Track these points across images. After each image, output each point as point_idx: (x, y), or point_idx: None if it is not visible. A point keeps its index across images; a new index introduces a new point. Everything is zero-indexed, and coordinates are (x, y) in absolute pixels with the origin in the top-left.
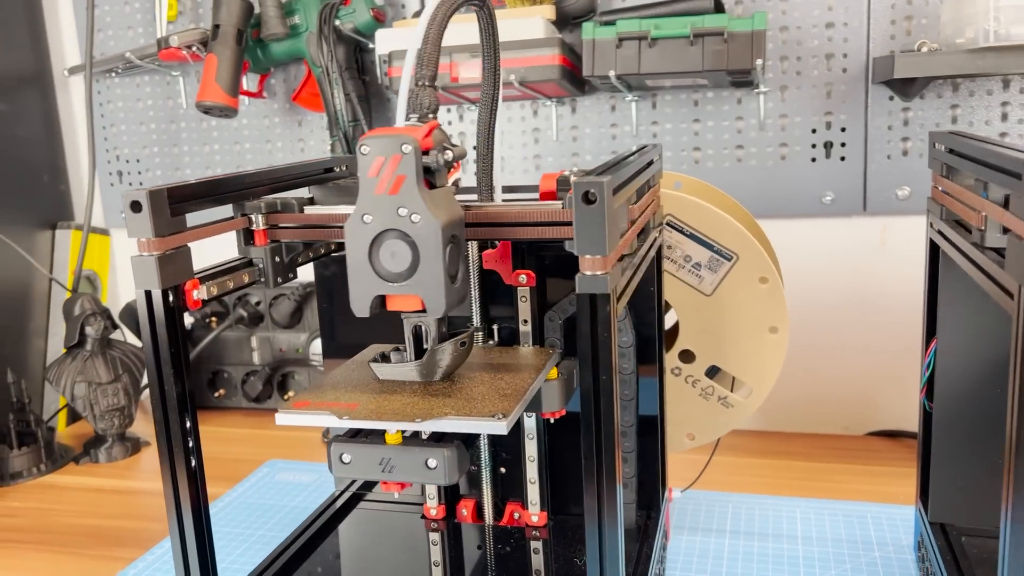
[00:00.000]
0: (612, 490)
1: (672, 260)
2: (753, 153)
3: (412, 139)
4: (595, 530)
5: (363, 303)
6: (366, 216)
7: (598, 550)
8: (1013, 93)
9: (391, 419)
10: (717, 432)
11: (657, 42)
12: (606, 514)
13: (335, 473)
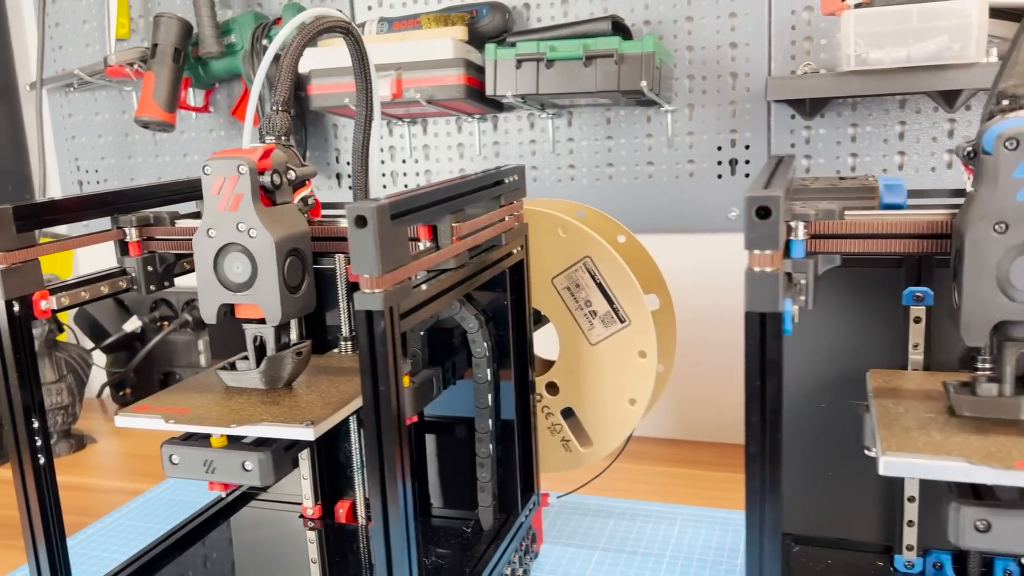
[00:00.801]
0: (394, 491)
1: (575, 299)
2: (663, 169)
3: (248, 160)
4: (381, 529)
5: (211, 311)
6: (211, 231)
7: (385, 550)
8: (909, 112)
9: (210, 424)
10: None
11: (554, 63)
12: (391, 513)
13: (166, 473)
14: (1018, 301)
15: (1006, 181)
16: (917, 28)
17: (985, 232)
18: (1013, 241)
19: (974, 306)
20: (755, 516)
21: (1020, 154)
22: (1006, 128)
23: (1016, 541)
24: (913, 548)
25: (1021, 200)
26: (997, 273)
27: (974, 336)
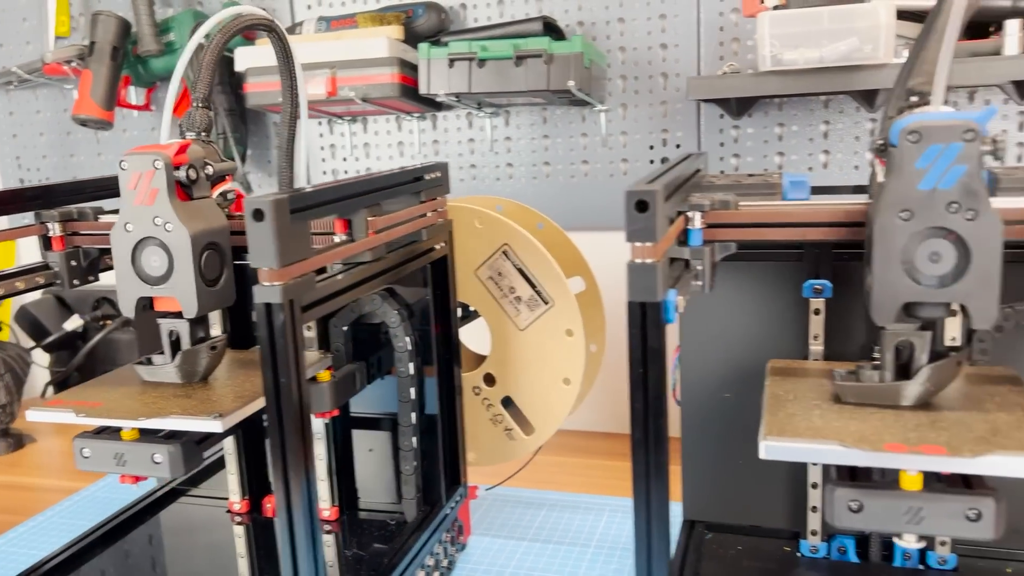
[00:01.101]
0: (298, 482)
1: (499, 288)
2: (598, 168)
3: (164, 155)
4: (285, 522)
5: (129, 304)
6: (128, 225)
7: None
8: (832, 112)
9: (119, 417)
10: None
11: (486, 63)
12: (294, 507)
13: (78, 466)
14: (922, 284)
15: (909, 171)
16: (829, 30)
17: (891, 219)
18: (916, 227)
19: (883, 288)
20: (641, 500)
21: (922, 146)
22: (909, 122)
23: (886, 520)
24: (817, 533)
25: (923, 189)
26: (903, 257)
27: (884, 316)
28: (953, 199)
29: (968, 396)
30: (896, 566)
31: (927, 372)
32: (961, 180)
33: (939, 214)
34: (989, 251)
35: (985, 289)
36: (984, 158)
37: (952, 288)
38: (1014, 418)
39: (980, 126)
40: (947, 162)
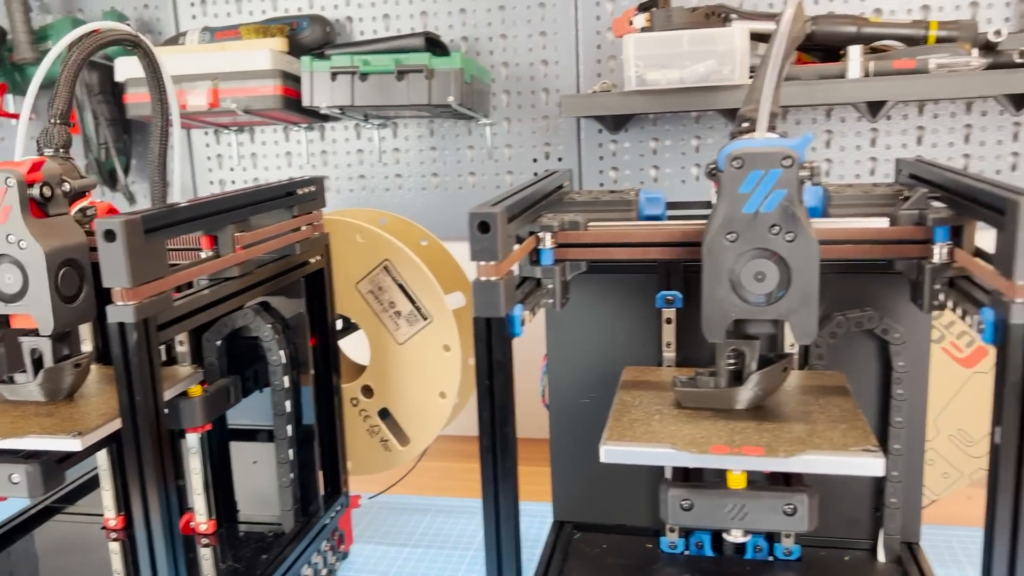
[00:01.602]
0: (154, 498)
1: (379, 302)
2: (485, 179)
3: (16, 173)
4: (144, 536)
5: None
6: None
7: (148, 554)
8: (703, 128)
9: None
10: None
11: (368, 76)
12: (152, 518)
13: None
14: (749, 301)
15: (734, 195)
16: (688, 52)
17: (719, 241)
18: (742, 248)
19: (713, 306)
20: (490, 504)
21: (744, 172)
22: (733, 149)
23: (714, 517)
24: (675, 530)
25: (747, 212)
26: (731, 277)
27: (714, 333)
28: (774, 222)
29: (796, 400)
30: (747, 559)
31: (756, 378)
32: (781, 204)
33: (762, 236)
34: (808, 270)
35: (805, 306)
36: (804, 183)
37: (776, 305)
38: (831, 419)
39: (798, 153)
40: (768, 187)
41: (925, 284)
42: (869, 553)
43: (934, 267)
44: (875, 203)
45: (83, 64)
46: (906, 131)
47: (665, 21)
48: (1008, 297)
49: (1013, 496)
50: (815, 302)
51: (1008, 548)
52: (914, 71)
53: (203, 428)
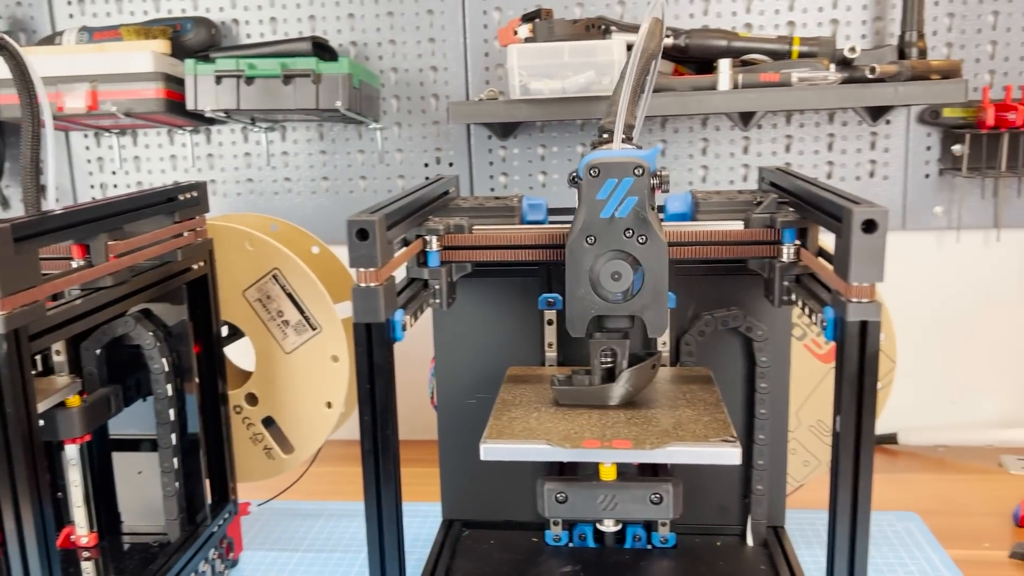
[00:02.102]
0: (27, 512)
1: (267, 310)
2: (376, 183)
3: None
4: (17, 552)
5: None
6: None
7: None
8: (588, 135)
9: None
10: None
11: (254, 80)
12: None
13: None
14: (608, 300)
15: (592, 202)
16: (570, 63)
17: (579, 243)
18: (599, 250)
19: (574, 304)
20: (372, 507)
21: (601, 180)
22: (590, 159)
23: (586, 508)
24: (559, 523)
25: (604, 217)
26: (590, 276)
27: (576, 329)
28: (628, 226)
29: (666, 394)
30: (627, 547)
31: (627, 375)
32: (634, 209)
33: (618, 239)
34: (659, 270)
35: (656, 303)
36: (654, 190)
37: (631, 302)
38: (696, 413)
39: (648, 163)
40: (622, 194)
41: (775, 281)
42: (739, 538)
43: (783, 265)
44: (736, 208)
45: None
46: (775, 140)
47: (547, 32)
48: (845, 297)
49: (852, 478)
50: (665, 299)
51: (848, 525)
52: (778, 84)
53: (82, 439)
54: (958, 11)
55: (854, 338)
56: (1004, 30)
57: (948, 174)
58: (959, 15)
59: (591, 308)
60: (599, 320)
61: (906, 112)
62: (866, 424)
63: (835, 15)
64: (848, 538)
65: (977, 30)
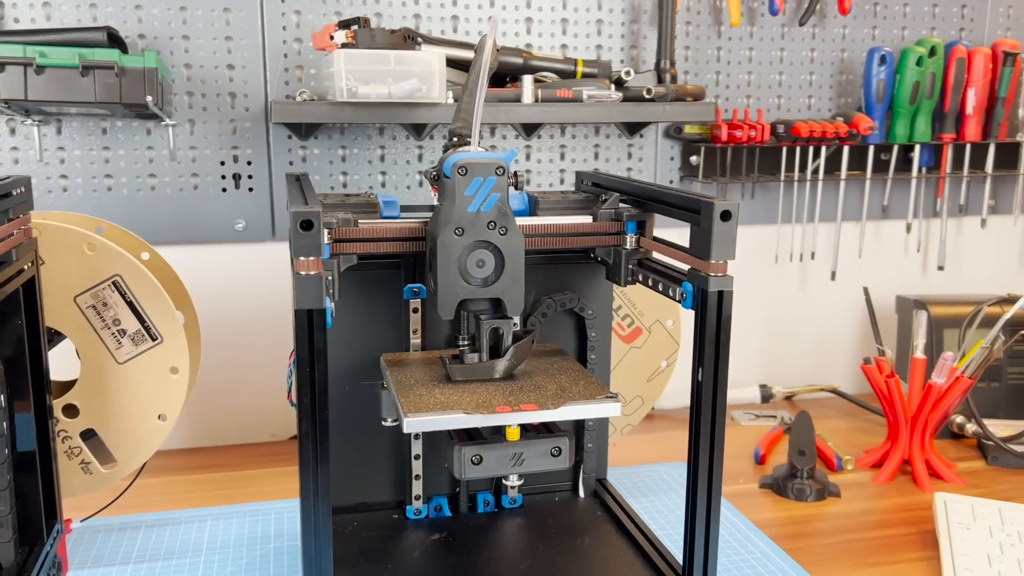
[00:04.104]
0: None
1: (102, 318)
2: (166, 182)
3: None
4: None
5: None
6: None
7: None
8: (387, 139)
9: None
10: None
11: (45, 70)
12: None
13: None
14: (472, 284)
15: (460, 197)
16: (395, 70)
17: (449, 235)
18: (467, 241)
19: (445, 290)
20: (309, 486)
21: (468, 178)
22: (458, 159)
23: (499, 466)
24: (420, 497)
25: (471, 211)
26: (459, 265)
27: (447, 312)
28: (491, 219)
29: (537, 366)
30: (480, 512)
31: (512, 351)
32: (496, 204)
33: (482, 230)
34: (516, 258)
35: (514, 286)
36: (510, 187)
37: (493, 287)
38: (570, 379)
39: (507, 163)
40: (487, 190)
41: (622, 265)
42: (572, 492)
43: (627, 252)
44: (574, 206)
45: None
46: (552, 148)
47: (369, 40)
48: (705, 272)
49: (711, 418)
50: (522, 283)
51: (708, 455)
52: (572, 100)
53: None
54: (692, 45)
55: (714, 305)
56: (725, 63)
57: (687, 180)
58: (693, 48)
59: (460, 292)
60: (464, 304)
61: (656, 128)
62: (721, 374)
63: (599, 41)
64: (707, 466)
65: (707, 61)
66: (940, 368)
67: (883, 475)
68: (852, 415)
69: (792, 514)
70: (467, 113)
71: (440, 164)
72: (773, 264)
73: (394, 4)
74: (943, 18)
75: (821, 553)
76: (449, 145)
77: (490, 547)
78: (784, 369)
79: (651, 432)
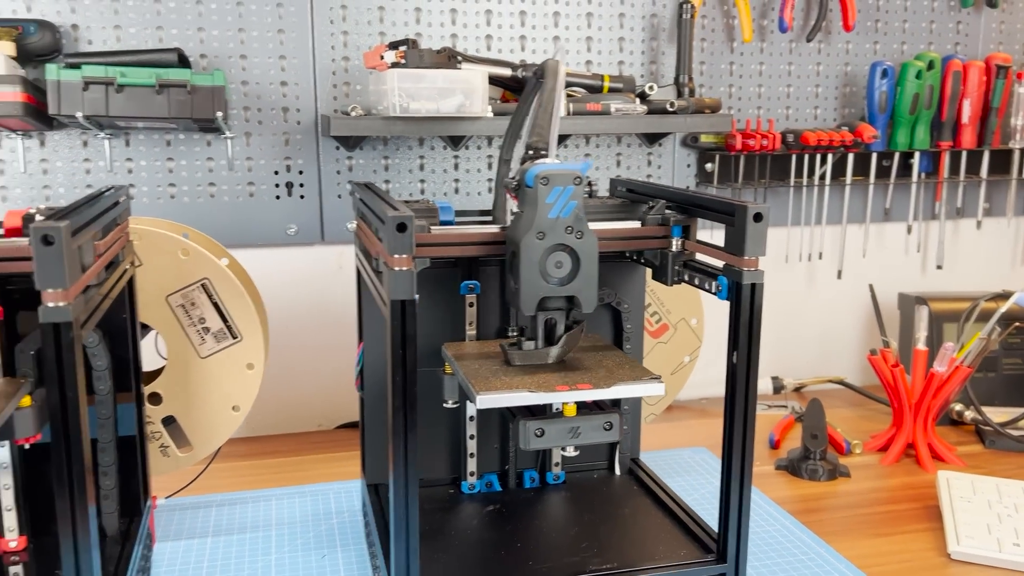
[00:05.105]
0: (83, 500)
1: (189, 317)
2: (225, 190)
3: None
4: (70, 542)
5: None
6: None
7: (73, 560)
8: (426, 149)
9: None
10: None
11: (124, 88)
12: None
13: None
14: (551, 283)
15: (542, 205)
16: (443, 88)
17: (531, 239)
18: (547, 244)
19: (527, 288)
20: (400, 448)
21: (549, 187)
22: (539, 170)
23: (558, 438)
24: (474, 474)
25: (551, 217)
26: (539, 266)
27: (528, 308)
28: (569, 224)
29: (583, 354)
30: (527, 488)
31: (565, 338)
32: (574, 211)
33: (561, 235)
34: (590, 259)
35: (588, 285)
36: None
37: (569, 286)
38: (616, 364)
39: (584, 173)
40: (565, 198)
41: (668, 266)
42: (608, 470)
43: (673, 254)
44: (612, 211)
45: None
46: (577, 157)
47: (418, 59)
48: (739, 267)
49: (744, 395)
50: (595, 282)
51: (742, 425)
52: (601, 113)
53: (34, 438)
54: (707, 60)
55: (747, 296)
56: (738, 76)
57: (702, 185)
58: (708, 63)
59: (540, 291)
60: (543, 301)
61: (674, 137)
62: (754, 356)
63: (621, 57)
64: (742, 435)
65: (720, 75)
66: (941, 358)
67: (889, 457)
68: (858, 405)
69: (806, 492)
70: (543, 128)
71: (521, 175)
72: (783, 264)
73: (433, 25)
74: (940, 34)
75: (835, 525)
76: (526, 158)
77: (540, 517)
78: (794, 362)
79: (672, 421)
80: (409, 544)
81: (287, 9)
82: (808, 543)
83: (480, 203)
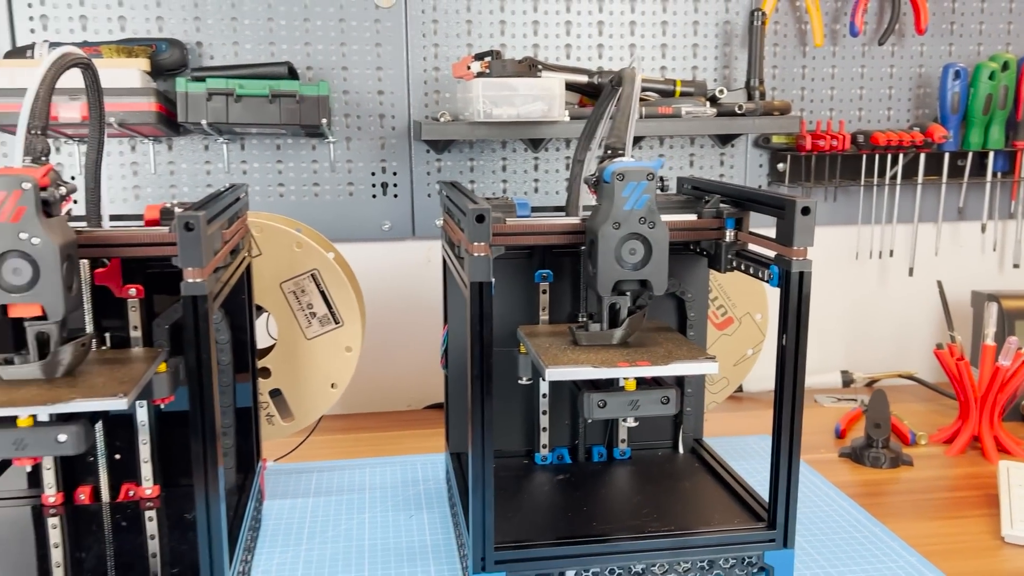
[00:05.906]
0: (214, 450)
1: (299, 302)
2: (327, 190)
3: (32, 178)
4: (202, 485)
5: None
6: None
7: (204, 504)
8: (508, 152)
9: (23, 405)
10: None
11: (242, 98)
12: (209, 469)
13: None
14: (625, 268)
15: (618, 198)
16: (524, 95)
17: (608, 229)
18: (623, 233)
19: (603, 273)
20: (477, 416)
21: (625, 183)
22: (616, 167)
23: (619, 409)
24: (546, 446)
25: (626, 209)
26: (615, 253)
27: (605, 290)
28: (643, 215)
29: (645, 336)
30: (595, 462)
31: (628, 321)
32: (647, 203)
33: (635, 225)
34: (662, 247)
35: (659, 270)
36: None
37: (642, 271)
38: (675, 345)
39: (656, 170)
40: (640, 192)
41: (722, 255)
42: (672, 449)
43: (727, 244)
44: (677, 206)
45: (54, 82)
46: (651, 158)
47: (501, 69)
48: (789, 257)
49: (793, 375)
50: (666, 267)
51: (791, 401)
52: (671, 116)
53: (169, 399)
54: (779, 64)
55: (796, 283)
56: (810, 80)
57: (774, 184)
58: (780, 67)
59: (615, 275)
60: (618, 284)
61: (746, 138)
62: (802, 339)
63: (695, 63)
64: (791, 410)
65: (792, 79)
66: (1006, 352)
67: (954, 448)
68: (928, 400)
69: (868, 478)
70: (620, 130)
71: (600, 172)
72: (854, 261)
73: (516, 36)
74: (1018, 34)
75: (892, 508)
76: (605, 156)
77: (607, 486)
78: (865, 357)
79: (739, 411)
80: (485, 499)
81: (384, 24)
82: (863, 522)
83: (558, 200)
